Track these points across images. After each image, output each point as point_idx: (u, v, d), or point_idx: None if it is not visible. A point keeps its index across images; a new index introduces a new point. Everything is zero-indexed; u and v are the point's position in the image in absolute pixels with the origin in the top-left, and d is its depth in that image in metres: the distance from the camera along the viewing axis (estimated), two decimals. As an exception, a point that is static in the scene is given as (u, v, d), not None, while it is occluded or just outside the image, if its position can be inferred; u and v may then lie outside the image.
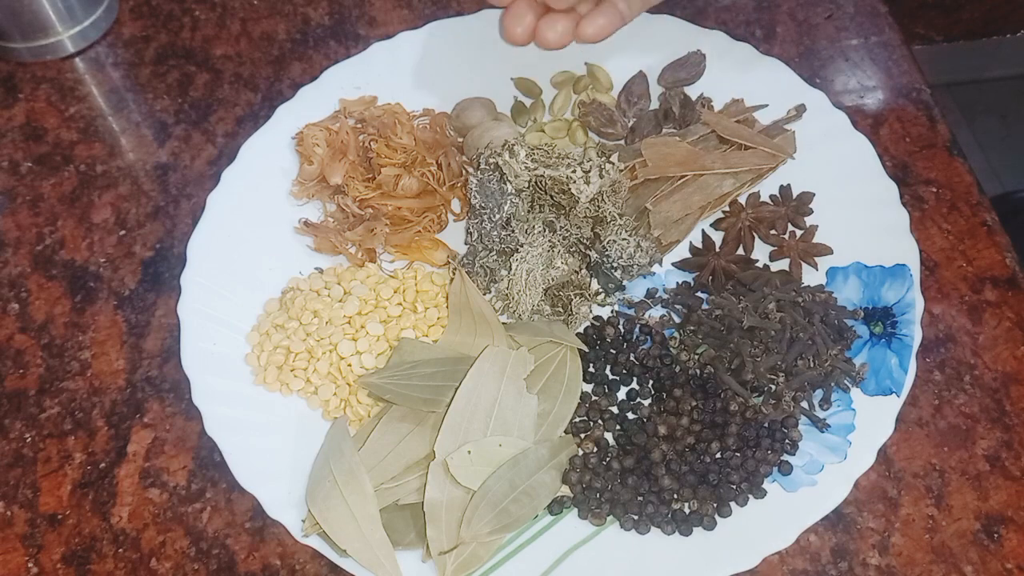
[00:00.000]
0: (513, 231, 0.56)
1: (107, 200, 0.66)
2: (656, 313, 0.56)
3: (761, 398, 0.52)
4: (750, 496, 0.50)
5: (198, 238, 0.59)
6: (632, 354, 0.55)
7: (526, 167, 0.55)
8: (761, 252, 0.59)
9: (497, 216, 0.56)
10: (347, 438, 0.50)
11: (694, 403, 0.52)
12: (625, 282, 0.57)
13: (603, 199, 0.56)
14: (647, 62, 0.66)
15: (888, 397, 0.52)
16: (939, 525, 0.51)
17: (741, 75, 0.64)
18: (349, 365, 0.54)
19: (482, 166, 0.57)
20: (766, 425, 0.51)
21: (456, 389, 0.50)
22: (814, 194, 0.60)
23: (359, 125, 0.63)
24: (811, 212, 0.59)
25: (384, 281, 0.57)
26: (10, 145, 0.69)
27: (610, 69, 0.67)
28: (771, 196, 0.60)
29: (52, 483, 0.54)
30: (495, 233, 0.56)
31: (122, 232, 0.64)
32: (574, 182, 0.55)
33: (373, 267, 0.58)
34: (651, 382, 0.54)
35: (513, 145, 0.56)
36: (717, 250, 0.58)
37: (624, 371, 0.54)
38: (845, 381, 0.52)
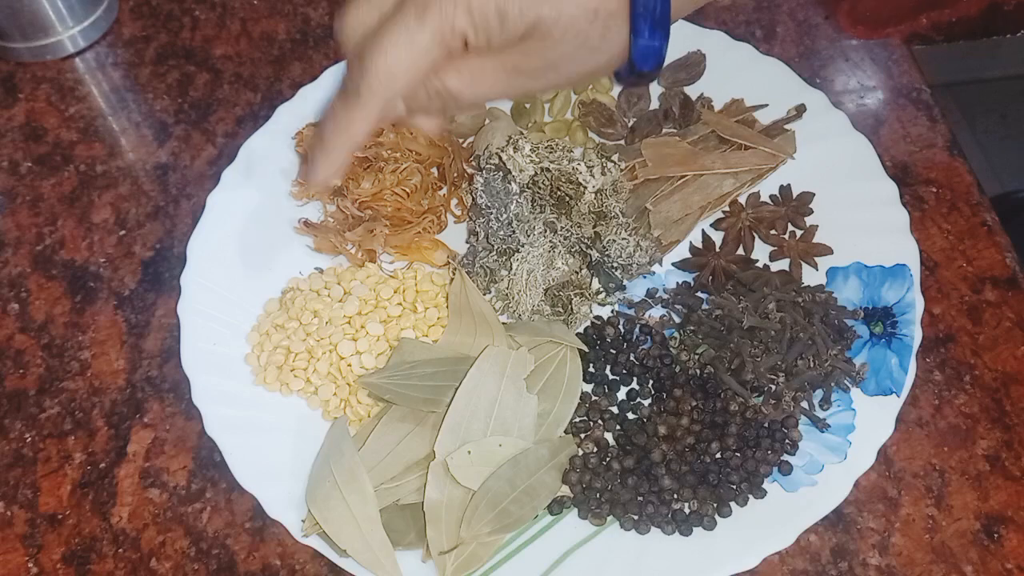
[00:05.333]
0: (514, 231, 0.56)
1: (107, 200, 0.66)
2: (656, 313, 0.56)
3: (761, 398, 0.52)
4: (750, 496, 0.50)
5: (198, 238, 0.59)
6: (632, 354, 0.55)
7: (531, 160, 0.55)
8: (761, 252, 0.59)
9: (504, 215, 0.56)
10: (347, 438, 0.50)
11: (694, 403, 0.52)
12: (625, 282, 0.57)
13: (606, 195, 0.56)
14: (647, 62, 0.66)
15: (888, 397, 0.52)
16: (939, 525, 0.51)
17: (741, 75, 0.64)
18: (349, 365, 0.54)
19: (486, 166, 0.57)
20: (766, 425, 0.51)
21: (456, 389, 0.50)
22: (814, 194, 0.60)
23: (359, 125, 0.63)
24: (811, 212, 0.59)
25: (384, 281, 0.57)
26: (10, 145, 0.69)
27: (610, 69, 0.66)
28: (771, 196, 0.60)
29: (52, 483, 0.54)
30: (502, 232, 0.56)
31: (122, 232, 0.64)
32: (580, 173, 0.55)
33: (373, 267, 0.58)
34: (651, 382, 0.54)
35: (517, 140, 0.56)
36: (717, 250, 0.58)
37: (624, 371, 0.54)
38: (845, 381, 0.52)
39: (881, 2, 0.43)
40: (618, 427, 0.53)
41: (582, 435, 0.52)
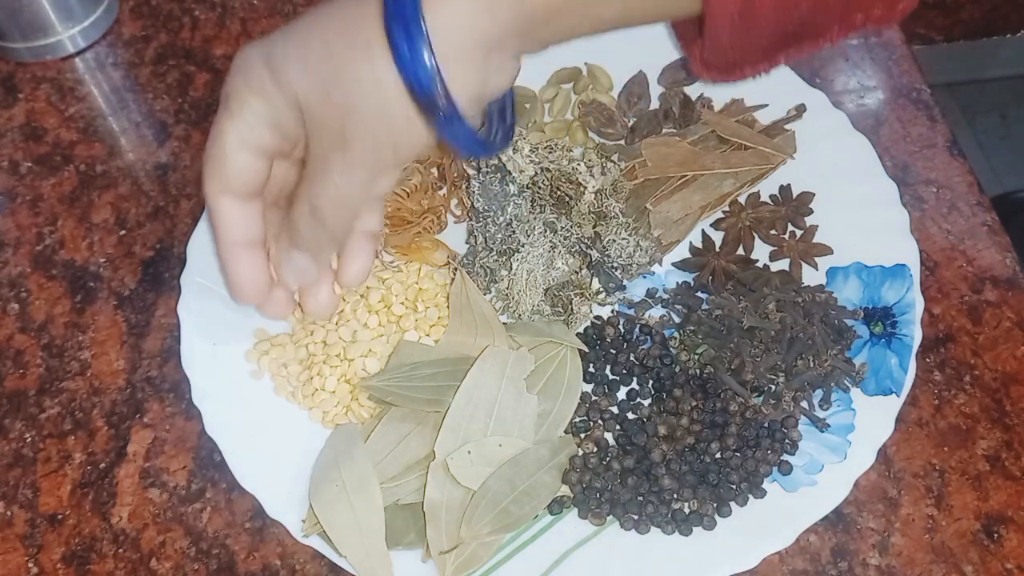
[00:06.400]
0: (514, 232, 0.56)
1: (107, 200, 0.66)
2: (656, 313, 0.56)
3: (761, 398, 0.52)
4: (750, 496, 0.50)
5: (198, 238, 0.59)
6: (632, 354, 0.55)
7: (531, 161, 0.55)
8: (761, 252, 0.59)
9: (501, 218, 0.56)
10: (359, 442, 0.50)
11: (694, 403, 0.52)
12: (625, 282, 0.57)
13: (606, 195, 0.56)
14: (647, 62, 0.66)
15: (888, 397, 0.52)
16: (939, 525, 0.51)
17: (741, 75, 0.64)
18: (355, 372, 0.54)
19: (483, 168, 0.57)
20: (766, 425, 0.51)
21: (457, 389, 0.50)
22: (814, 194, 0.60)
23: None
24: (811, 212, 0.59)
25: (387, 276, 0.57)
26: (10, 145, 0.69)
27: (610, 69, 0.67)
28: (771, 196, 0.60)
29: (52, 483, 0.54)
30: (499, 235, 0.56)
31: (122, 232, 0.64)
32: (580, 173, 0.55)
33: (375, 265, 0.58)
34: (651, 382, 0.54)
35: (516, 141, 0.56)
36: (717, 250, 0.58)
37: (624, 371, 0.54)
38: (845, 381, 0.52)
39: (729, 48, 0.42)
40: (618, 427, 0.53)
41: (582, 435, 0.52)
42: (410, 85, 0.37)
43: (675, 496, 0.49)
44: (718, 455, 0.51)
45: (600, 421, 0.53)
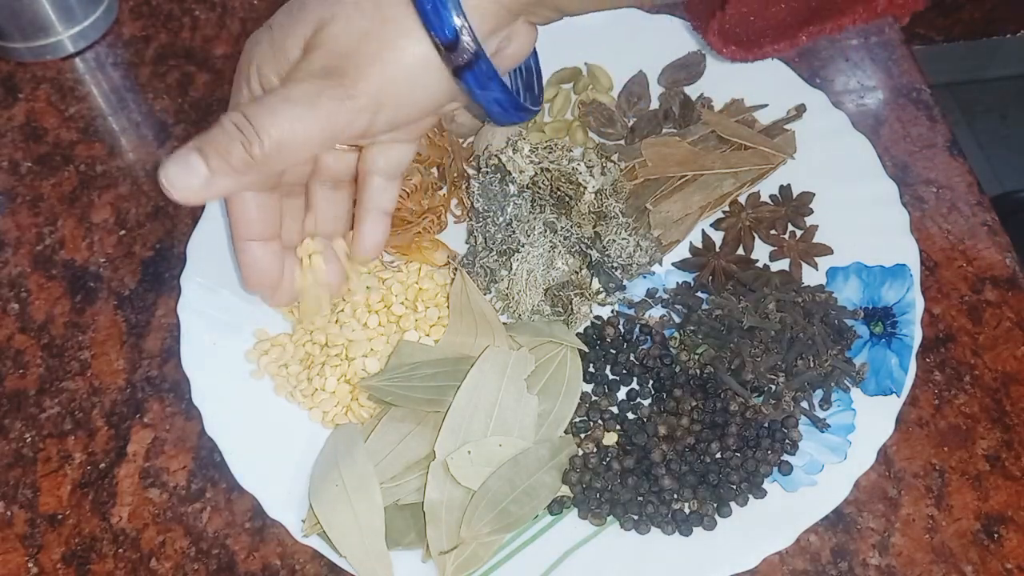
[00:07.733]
0: (514, 232, 0.56)
1: (107, 200, 0.66)
2: (656, 313, 0.56)
3: (761, 398, 0.52)
4: (750, 496, 0.50)
5: (198, 238, 0.59)
6: (632, 354, 0.55)
7: (531, 161, 0.55)
8: (761, 252, 0.59)
9: (501, 219, 0.56)
10: (359, 443, 0.50)
11: (694, 403, 0.52)
12: (625, 282, 0.57)
13: (606, 195, 0.56)
14: (647, 62, 0.66)
15: (888, 397, 0.52)
16: (939, 525, 0.51)
17: (741, 75, 0.64)
18: (357, 372, 0.54)
19: (483, 168, 0.57)
20: (766, 425, 0.51)
21: (457, 389, 0.50)
22: (814, 194, 0.60)
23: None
24: (811, 212, 0.59)
25: (388, 277, 0.57)
26: (10, 145, 0.69)
27: (610, 69, 0.67)
28: (771, 196, 0.60)
29: (52, 483, 0.54)
30: (499, 235, 0.56)
31: (122, 232, 0.64)
32: (580, 173, 0.55)
33: (375, 264, 0.58)
34: (651, 382, 0.54)
35: (516, 141, 0.56)
36: (717, 250, 0.58)
37: (624, 371, 0.54)
38: (845, 381, 0.52)
39: (751, 14, 0.41)
40: (618, 427, 0.53)
41: (582, 435, 0.52)
42: (437, 36, 0.38)
43: (675, 496, 0.49)
44: (718, 455, 0.51)
45: (600, 421, 0.53)
